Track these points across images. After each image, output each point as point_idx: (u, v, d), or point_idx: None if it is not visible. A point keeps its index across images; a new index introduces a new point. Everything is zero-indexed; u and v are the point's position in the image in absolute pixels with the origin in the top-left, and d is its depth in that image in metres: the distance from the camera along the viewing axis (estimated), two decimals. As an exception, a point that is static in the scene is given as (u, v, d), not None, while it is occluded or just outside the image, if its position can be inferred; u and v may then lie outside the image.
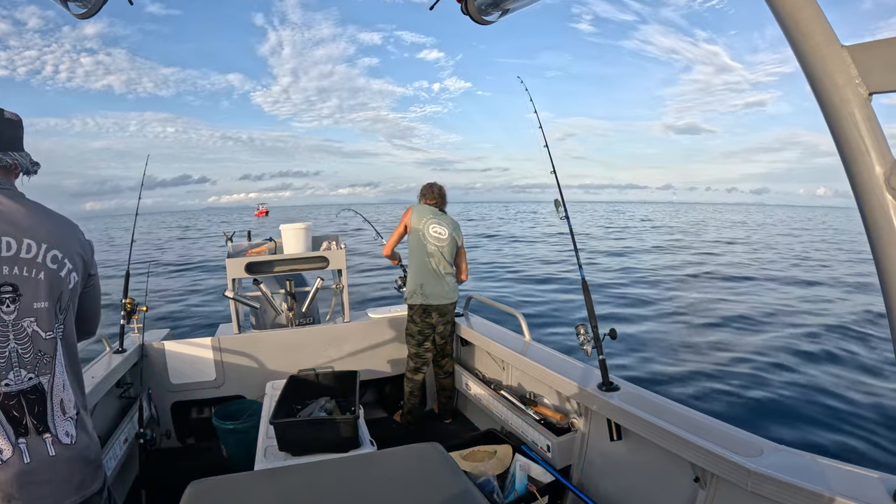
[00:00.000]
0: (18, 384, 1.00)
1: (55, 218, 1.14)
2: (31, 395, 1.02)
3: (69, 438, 1.07)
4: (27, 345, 1.02)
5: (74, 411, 1.10)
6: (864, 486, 1.32)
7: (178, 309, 9.27)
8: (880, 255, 0.90)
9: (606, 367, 2.16)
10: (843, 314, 8.71)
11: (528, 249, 18.78)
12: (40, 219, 1.09)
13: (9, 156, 1.09)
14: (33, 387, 1.02)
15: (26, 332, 1.02)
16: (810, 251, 20.56)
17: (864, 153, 0.87)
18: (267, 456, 1.96)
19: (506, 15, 1.49)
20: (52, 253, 1.07)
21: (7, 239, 1.01)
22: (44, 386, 1.04)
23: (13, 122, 1.12)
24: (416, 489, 1.40)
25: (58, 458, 1.04)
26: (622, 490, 2.14)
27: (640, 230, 20.47)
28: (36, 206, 1.11)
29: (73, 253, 1.13)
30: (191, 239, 28.19)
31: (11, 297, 1.01)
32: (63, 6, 1.33)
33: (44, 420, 1.03)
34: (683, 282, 12.29)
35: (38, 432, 1.02)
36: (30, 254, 1.04)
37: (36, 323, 1.04)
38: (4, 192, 1.07)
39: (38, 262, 1.05)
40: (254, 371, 3.15)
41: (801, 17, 0.87)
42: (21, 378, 1.00)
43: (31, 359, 1.03)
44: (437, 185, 3.35)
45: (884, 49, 0.82)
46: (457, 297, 3.30)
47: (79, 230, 1.20)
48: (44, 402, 1.03)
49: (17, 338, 1.01)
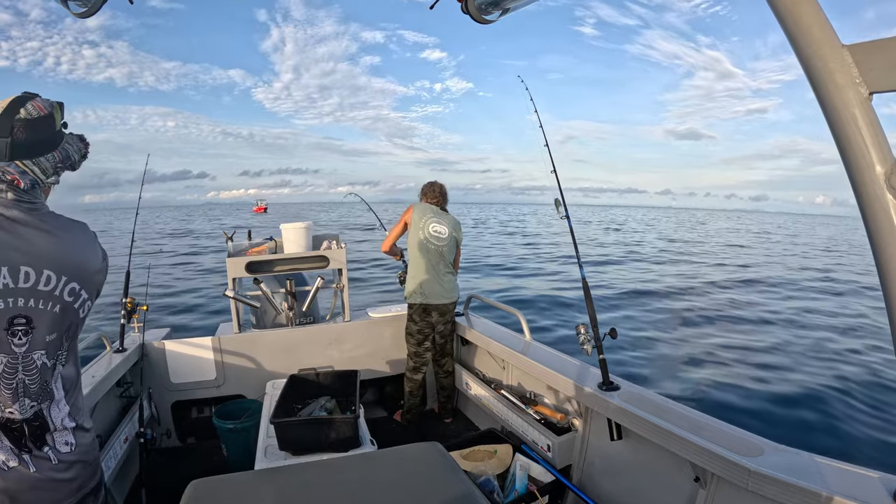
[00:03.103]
0: (23, 413, 0.98)
1: (78, 240, 1.07)
2: (35, 423, 1.00)
3: (69, 447, 1.06)
4: (35, 376, 0.99)
5: (72, 423, 1.07)
6: (864, 486, 1.32)
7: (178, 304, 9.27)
8: (880, 253, 0.90)
9: (607, 367, 2.16)
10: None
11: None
12: (63, 245, 1.01)
13: (28, 167, 0.98)
14: (35, 414, 1.00)
15: (35, 364, 0.99)
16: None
17: (865, 152, 0.87)
18: (267, 455, 1.96)
19: (506, 14, 1.49)
20: (70, 286, 1.02)
21: (26, 269, 0.95)
22: (44, 412, 1.02)
23: (30, 122, 0.98)
24: (417, 489, 1.40)
25: (60, 465, 1.04)
26: (622, 490, 2.14)
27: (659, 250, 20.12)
28: (59, 226, 1.03)
29: (92, 281, 1.08)
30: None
31: (24, 330, 0.96)
32: (63, 5, 1.32)
33: (43, 438, 1.02)
34: (689, 284, 12.29)
35: (38, 448, 1.01)
36: (48, 286, 0.98)
37: (45, 355, 1.00)
38: (27, 211, 0.98)
39: (55, 296, 0.99)
40: (254, 370, 3.15)
41: (802, 17, 0.87)
42: (24, 407, 0.98)
43: (37, 389, 1.00)
44: (438, 183, 3.35)
45: (884, 49, 0.82)
46: (457, 297, 3.30)
47: (100, 249, 1.13)
48: (45, 426, 1.02)
49: (26, 370, 0.97)
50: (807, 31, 0.87)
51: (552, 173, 2.53)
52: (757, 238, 32.96)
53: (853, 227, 60.04)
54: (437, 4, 1.45)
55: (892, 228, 0.87)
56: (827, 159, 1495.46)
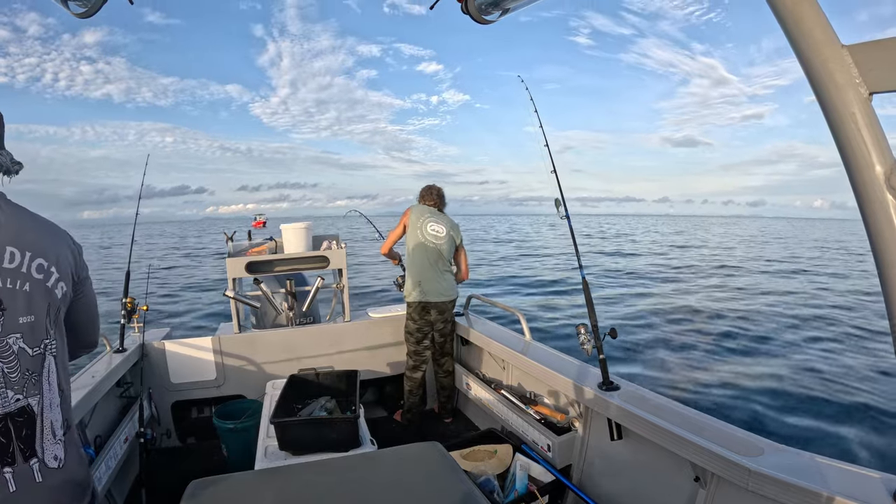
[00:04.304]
0: (5, 406, 0.91)
1: (40, 222, 1.05)
2: (19, 418, 0.93)
3: (57, 462, 0.99)
4: (13, 363, 0.93)
5: (62, 431, 1.01)
6: (864, 486, 1.32)
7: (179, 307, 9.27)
8: (880, 253, 0.90)
9: (607, 367, 2.16)
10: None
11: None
12: (23, 224, 1.00)
13: None
14: (21, 409, 0.93)
15: (12, 349, 0.93)
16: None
17: (865, 152, 0.87)
18: (267, 455, 1.96)
19: (506, 14, 1.49)
20: (37, 262, 0.98)
21: None
22: (33, 408, 0.95)
23: None
24: (417, 488, 1.40)
25: (44, 483, 0.96)
26: (622, 489, 2.14)
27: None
28: (18, 209, 1.01)
29: (60, 260, 1.04)
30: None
31: None
32: (63, 5, 1.32)
33: (31, 445, 0.95)
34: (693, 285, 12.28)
35: (24, 458, 0.94)
36: (13, 263, 0.94)
37: (22, 339, 0.95)
38: None
39: (22, 273, 0.95)
40: (254, 370, 3.15)
41: (802, 18, 0.87)
42: (8, 400, 0.91)
43: (19, 378, 0.94)
44: (435, 186, 3.37)
45: (884, 49, 0.82)
46: (456, 295, 3.31)
47: (66, 235, 1.10)
48: (33, 425, 0.95)
49: (3, 356, 0.92)
50: (807, 32, 0.87)
51: (552, 173, 2.53)
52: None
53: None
54: (437, 5, 1.45)
55: (893, 229, 0.87)
56: (824, 163, 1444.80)
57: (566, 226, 2.47)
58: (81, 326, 1.17)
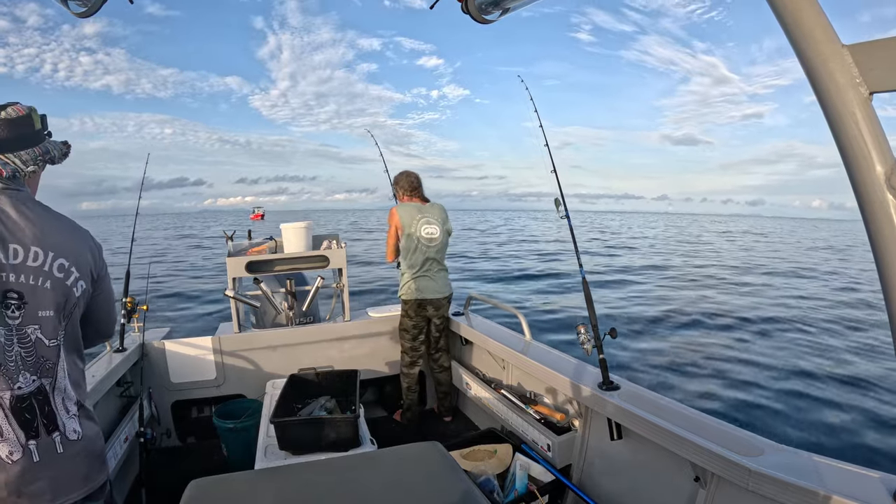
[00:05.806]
0: (28, 386, 1.02)
1: (63, 223, 1.14)
2: (39, 396, 1.04)
3: (76, 434, 1.10)
4: (30, 349, 1.04)
5: (76, 408, 1.12)
6: (864, 486, 1.32)
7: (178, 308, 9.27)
8: (881, 254, 0.90)
9: (607, 367, 2.16)
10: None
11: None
12: (48, 226, 1.09)
13: (10, 160, 1.07)
14: (38, 388, 1.04)
15: (30, 338, 1.04)
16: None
17: (865, 152, 0.87)
18: (267, 455, 1.96)
19: (506, 14, 1.48)
20: (58, 262, 1.08)
21: (14, 246, 1.02)
22: (46, 387, 1.06)
23: (9, 121, 1.09)
24: (417, 488, 1.40)
25: (66, 453, 1.07)
26: (622, 489, 2.14)
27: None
28: (44, 211, 1.11)
29: (80, 259, 1.13)
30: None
31: (17, 304, 1.02)
32: (63, 4, 1.32)
33: (53, 419, 1.06)
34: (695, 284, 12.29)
35: (48, 432, 1.04)
36: (36, 262, 1.05)
37: (40, 330, 1.05)
38: (12, 196, 1.07)
39: (44, 271, 1.05)
40: (254, 370, 3.15)
41: (803, 17, 0.87)
42: (27, 380, 1.03)
43: (34, 362, 1.04)
44: (412, 174, 3.30)
45: (885, 49, 0.82)
46: (451, 291, 3.32)
47: (88, 234, 1.20)
48: (49, 403, 1.06)
49: (21, 342, 1.03)
50: (808, 31, 0.87)
51: (552, 173, 2.53)
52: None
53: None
54: (437, 4, 1.45)
55: (893, 229, 0.87)
56: (823, 163, 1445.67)
57: (566, 226, 2.47)
58: (99, 319, 1.27)
